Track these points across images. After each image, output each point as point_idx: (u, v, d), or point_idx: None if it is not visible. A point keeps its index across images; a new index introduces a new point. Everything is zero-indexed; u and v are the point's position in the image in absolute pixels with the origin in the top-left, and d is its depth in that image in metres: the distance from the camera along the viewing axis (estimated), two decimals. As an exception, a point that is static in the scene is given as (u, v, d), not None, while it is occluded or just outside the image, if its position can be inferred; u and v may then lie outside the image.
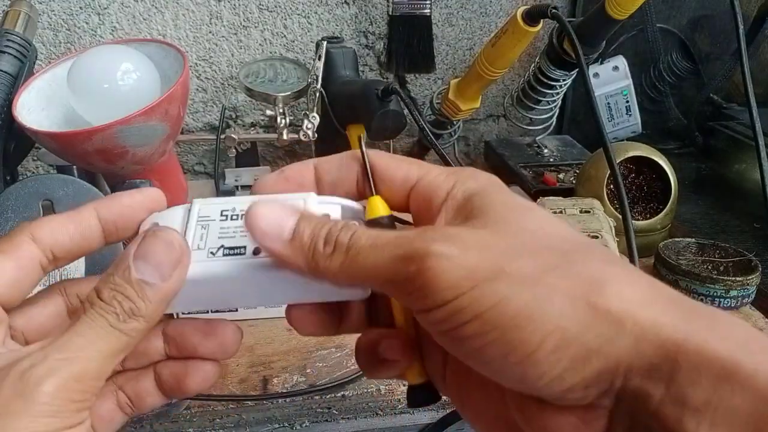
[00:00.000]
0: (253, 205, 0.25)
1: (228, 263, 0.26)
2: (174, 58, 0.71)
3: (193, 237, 0.27)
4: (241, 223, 0.26)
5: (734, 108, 0.95)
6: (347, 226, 0.25)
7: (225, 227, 0.27)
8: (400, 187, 0.28)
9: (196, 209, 0.28)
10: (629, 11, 0.68)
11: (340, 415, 0.52)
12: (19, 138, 0.67)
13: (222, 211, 0.28)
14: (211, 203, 0.28)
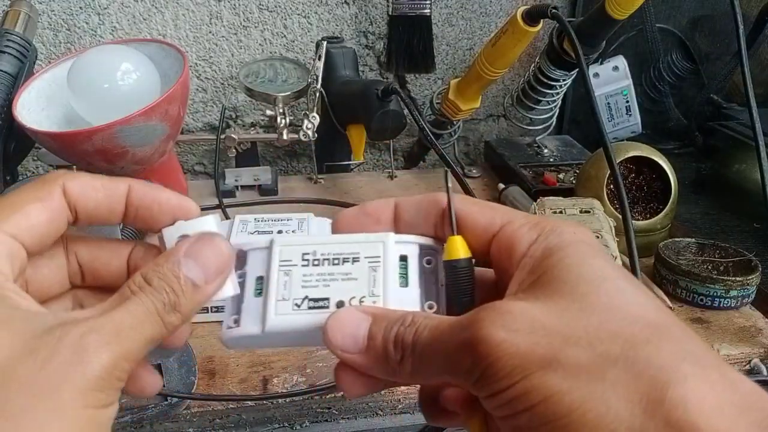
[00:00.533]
0: (330, 318, 0.25)
1: (312, 318, 0.26)
2: (174, 58, 0.71)
3: (276, 285, 0.27)
4: (324, 269, 0.27)
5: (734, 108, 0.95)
6: (413, 322, 0.24)
7: (307, 274, 0.27)
8: (482, 232, 0.27)
9: (277, 252, 0.28)
10: (629, 11, 0.68)
11: (340, 415, 0.52)
12: (19, 138, 0.67)
13: (303, 255, 0.27)
14: (292, 244, 0.28)
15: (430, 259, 0.28)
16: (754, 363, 0.57)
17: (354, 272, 0.27)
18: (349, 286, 0.27)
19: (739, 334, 0.60)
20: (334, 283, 0.27)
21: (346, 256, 0.27)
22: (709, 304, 0.62)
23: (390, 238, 0.27)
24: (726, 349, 0.58)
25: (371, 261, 0.27)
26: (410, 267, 0.27)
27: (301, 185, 0.90)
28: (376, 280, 0.27)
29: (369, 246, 0.27)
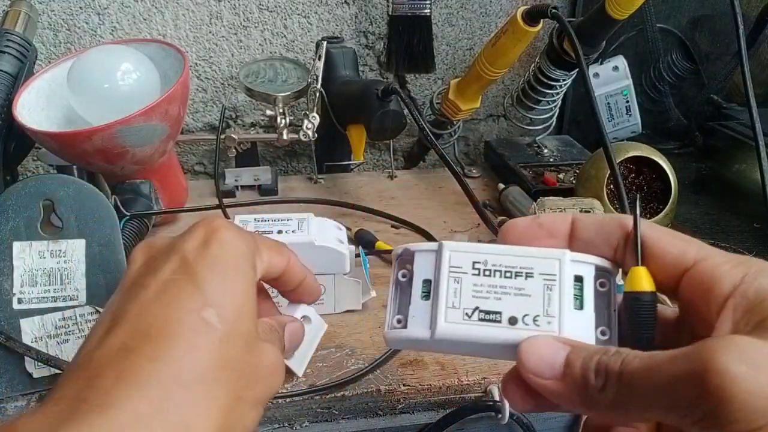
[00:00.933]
0: (525, 343, 0.25)
1: (484, 330, 0.26)
2: (174, 58, 0.71)
3: (446, 291, 0.26)
4: (495, 281, 0.26)
5: (734, 108, 0.95)
6: (618, 352, 0.23)
7: (478, 284, 0.26)
8: (671, 265, 0.25)
9: (447, 256, 0.27)
10: (629, 11, 0.68)
11: (340, 416, 0.52)
12: (19, 138, 0.67)
13: (474, 264, 0.27)
14: (462, 250, 0.27)
15: (604, 282, 0.27)
16: (754, 363, 0.57)
17: (527, 288, 0.26)
18: (523, 303, 0.26)
19: (739, 334, 0.59)
20: (506, 297, 0.26)
21: (519, 270, 0.26)
22: (709, 304, 0.62)
23: (567, 256, 0.26)
24: (726, 349, 0.57)
25: (546, 278, 0.26)
26: (585, 289, 0.26)
27: (301, 185, 0.90)
28: (551, 300, 0.26)
29: (544, 262, 0.26)
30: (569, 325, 0.25)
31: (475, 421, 0.52)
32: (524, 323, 0.25)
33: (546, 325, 0.25)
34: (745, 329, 0.21)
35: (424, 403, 0.52)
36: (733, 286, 0.23)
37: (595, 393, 0.23)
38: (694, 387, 0.19)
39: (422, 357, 0.55)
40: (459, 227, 0.75)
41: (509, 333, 0.25)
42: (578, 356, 0.24)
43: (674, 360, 0.21)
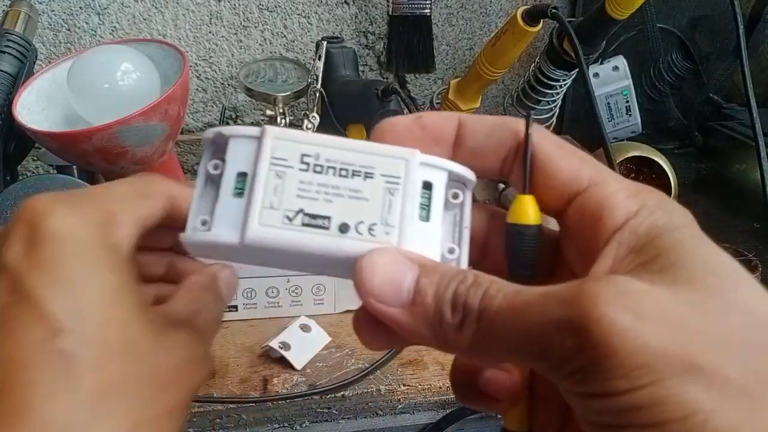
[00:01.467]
0: (366, 258, 0.20)
1: (306, 237, 0.21)
2: (174, 58, 0.71)
3: (264, 187, 0.21)
4: (327, 179, 0.22)
5: (734, 108, 0.95)
6: (477, 281, 0.19)
7: (306, 181, 0.22)
8: (562, 187, 0.22)
9: (269, 145, 0.22)
10: (629, 11, 0.68)
11: (340, 415, 0.52)
12: (19, 138, 0.67)
13: (303, 157, 0.22)
14: (290, 139, 0.22)
15: (458, 192, 0.23)
16: (754, 363, 0.57)
17: (365, 191, 0.22)
18: (358, 208, 0.21)
19: (739, 334, 0.59)
20: (339, 199, 0.21)
21: (357, 168, 0.22)
22: (709, 304, 0.62)
23: (416, 157, 0.22)
24: (726, 349, 0.58)
25: (389, 181, 0.22)
26: (434, 198, 0.22)
27: (301, 185, 0.90)
28: (392, 206, 0.22)
29: (388, 162, 0.22)
30: (411, 237, 0.21)
31: (475, 421, 0.52)
32: (357, 232, 0.21)
33: (383, 235, 0.21)
34: (627, 269, 0.19)
35: (424, 403, 0.52)
36: (625, 218, 0.20)
37: (450, 331, 0.19)
38: (570, 337, 0.17)
39: (422, 357, 0.55)
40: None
41: (337, 242, 0.21)
42: (431, 281, 0.20)
43: (546, 302, 0.18)
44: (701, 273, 0.18)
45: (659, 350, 0.16)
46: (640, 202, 0.20)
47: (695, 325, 0.16)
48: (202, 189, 0.23)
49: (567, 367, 0.17)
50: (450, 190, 0.23)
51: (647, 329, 0.16)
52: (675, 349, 0.16)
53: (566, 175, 0.21)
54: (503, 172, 0.23)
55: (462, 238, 0.23)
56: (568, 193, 0.21)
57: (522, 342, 0.18)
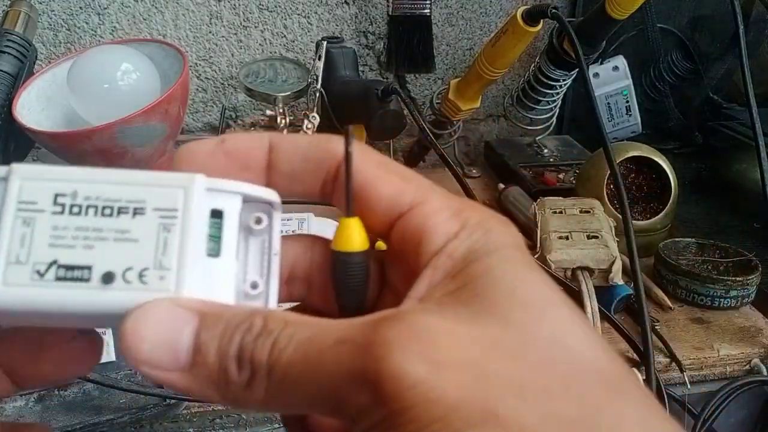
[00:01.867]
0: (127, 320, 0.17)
1: (62, 293, 0.18)
2: (174, 58, 0.71)
3: (9, 239, 0.18)
4: (87, 221, 0.18)
5: (734, 108, 0.95)
6: (266, 329, 0.17)
7: (61, 227, 0.18)
8: (385, 209, 0.20)
9: (15, 187, 0.19)
10: (629, 11, 0.68)
11: (340, 415, 0.52)
12: (19, 138, 0.67)
13: (57, 197, 0.18)
14: (41, 177, 0.19)
15: (260, 217, 0.20)
16: (754, 363, 0.57)
17: (134, 230, 0.18)
18: (125, 252, 0.18)
19: (739, 334, 0.59)
20: (102, 244, 0.18)
21: (124, 205, 0.18)
22: (709, 304, 0.62)
23: (197, 183, 0.19)
24: (726, 349, 0.58)
25: (163, 215, 0.19)
26: (226, 228, 0.20)
27: (301, 185, 0.90)
28: (167, 246, 0.18)
29: (162, 193, 0.19)
30: (194, 280, 0.18)
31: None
32: (125, 281, 0.18)
33: (157, 281, 0.18)
34: (434, 297, 0.17)
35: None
36: (445, 240, 0.18)
37: (239, 390, 0.17)
38: (364, 392, 0.15)
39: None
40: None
41: (101, 296, 0.18)
42: (213, 334, 0.17)
43: (339, 351, 0.16)
44: (506, 305, 0.16)
45: (455, 400, 0.15)
46: (461, 222, 0.19)
47: (493, 367, 0.15)
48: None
49: (363, 422, 0.16)
50: (252, 214, 0.20)
51: (442, 378, 0.15)
52: (471, 397, 0.15)
53: (387, 197, 0.20)
54: (324, 195, 0.21)
55: (271, 267, 0.20)
56: (390, 216, 0.20)
57: (317, 396, 0.16)
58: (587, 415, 0.15)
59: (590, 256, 0.58)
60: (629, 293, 0.60)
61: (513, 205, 0.80)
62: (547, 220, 0.63)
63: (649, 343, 0.53)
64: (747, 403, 0.58)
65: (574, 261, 0.58)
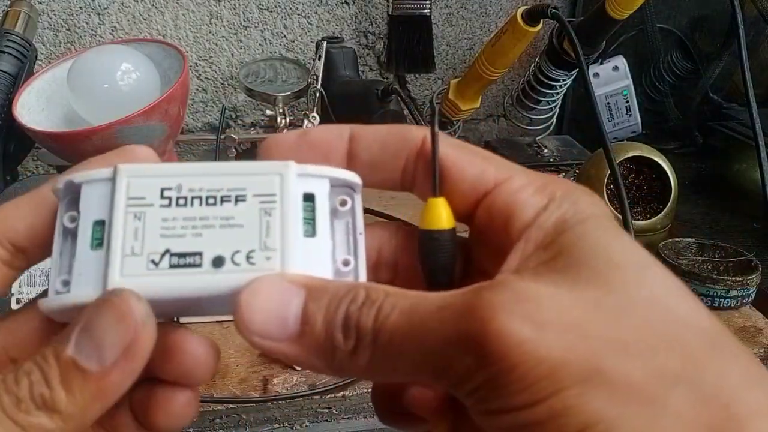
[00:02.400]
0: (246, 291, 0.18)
1: (177, 280, 0.19)
2: (174, 58, 0.71)
3: (123, 233, 0.19)
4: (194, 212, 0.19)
5: (734, 108, 0.95)
6: (369, 298, 0.18)
7: (169, 218, 0.19)
8: (469, 189, 0.20)
9: (124, 185, 0.20)
10: (629, 11, 0.68)
11: (341, 416, 0.52)
12: (19, 138, 0.67)
13: (163, 191, 0.20)
14: (147, 174, 0.20)
15: (345, 199, 0.21)
16: (754, 363, 0.57)
17: (238, 216, 0.20)
18: (232, 236, 0.19)
19: (739, 335, 0.59)
20: (209, 231, 0.19)
21: (226, 193, 0.20)
22: (709, 304, 0.62)
23: (290, 169, 0.20)
24: (726, 349, 0.57)
25: (263, 200, 0.20)
26: (318, 210, 0.21)
27: (301, 185, 0.90)
28: (270, 228, 0.19)
29: (260, 180, 0.20)
30: (296, 258, 0.19)
31: (475, 421, 0.52)
32: (234, 263, 0.19)
33: (264, 261, 0.19)
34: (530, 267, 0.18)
35: (425, 403, 0.52)
36: (535, 213, 0.19)
37: (345, 359, 0.18)
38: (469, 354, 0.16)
39: (422, 357, 0.55)
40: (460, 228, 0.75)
41: (213, 279, 0.19)
42: (319, 305, 0.18)
43: (442, 316, 0.16)
44: (604, 269, 0.17)
45: (560, 359, 0.15)
46: (549, 195, 0.19)
47: (596, 327, 0.16)
48: (60, 246, 0.20)
49: (468, 384, 0.16)
50: (337, 197, 0.21)
51: (547, 338, 0.15)
52: (576, 357, 0.15)
53: (471, 177, 0.20)
54: (404, 183, 0.22)
55: (357, 246, 0.21)
56: (475, 195, 0.20)
57: (421, 362, 0.17)
58: (692, 370, 0.15)
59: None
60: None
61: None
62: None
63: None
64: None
65: (574, 261, 0.58)
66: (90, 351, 0.17)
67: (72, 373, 0.17)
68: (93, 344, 0.17)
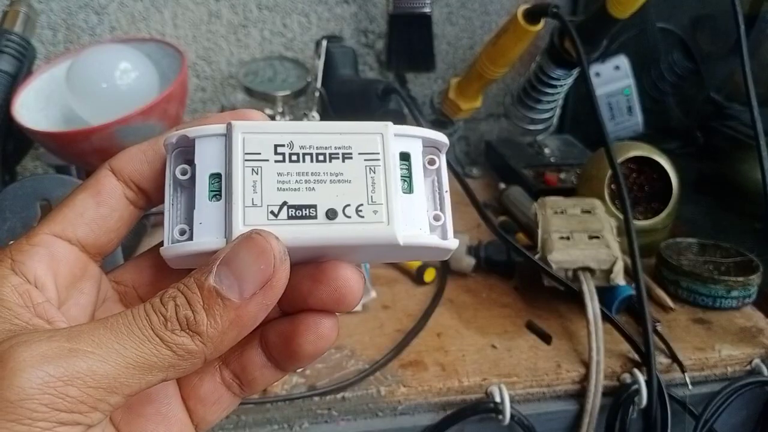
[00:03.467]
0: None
1: (296, 230, 0.21)
2: (173, 57, 0.71)
3: (242, 185, 0.21)
4: (306, 167, 0.21)
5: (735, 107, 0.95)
6: None
7: (284, 173, 0.21)
8: None
9: (239, 141, 0.21)
10: (630, 10, 0.68)
11: (340, 417, 0.52)
12: (18, 138, 0.67)
13: (276, 147, 0.21)
14: (260, 131, 0.21)
15: (433, 158, 0.23)
16: (755, 363, 0.57)
17: (346, 172, 0.21)
18: (341, 191, 0.21)
19: (740, 335, 0.59)
20: (321, 185, 0.21)
21: (333, 151, 0.21)
22: (711, 304, 0.62)
23: (389, 129, 0.22)
24: (727, 349, 0.57)
25: (368, 158, 0.22)
26: (414, 168, 0.23)
27: (300, 185, 0.90)
28: (375, 184, 0.21)
29: (364, 139, 0.22)
30: (398, 212, 0.21)
31: (475, 422, 0.52)
32: (345, 215, 0.21)
33: (372, 215, 0.21)
34: None
35: (425, 404, 0.52)
36: None
37: None
38: None
39: (422, 358, 0.55)
40: (459, 227, 0.74)
41: (330, 230, 0.21)
42: None
43: None
44: None
45: None
46: None
47: None
48: (171, 197, 0.22)
49: None
50: (426, 157, 0.23)
51: None
52: None
53: None
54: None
55: (444, 202, 0.23)
56: None
57: None
58: None
59: (591, 256, 0.58)
60: (631, 294, 0.60)
61: (514, 205, 0.80)
62: (548, 221, 0.63)
63: (650, 344, 0.53)
64: (748, 403, 0.58)
65: (575, 261, 0.58)
66: (231, 282, 0.19)
67: (213, 299, 0.19)
68: (234, 276, 0.19)
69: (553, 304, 0.62)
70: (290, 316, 0.23)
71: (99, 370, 0.18)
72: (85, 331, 0.18)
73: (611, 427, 0.54)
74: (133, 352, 0.18)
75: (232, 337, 0.20)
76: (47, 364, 0.17)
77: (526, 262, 0.61)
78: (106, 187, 0.22)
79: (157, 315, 0.19)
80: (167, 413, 0.23)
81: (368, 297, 0.61)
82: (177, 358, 0.19)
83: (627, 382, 0.54)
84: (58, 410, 0.17)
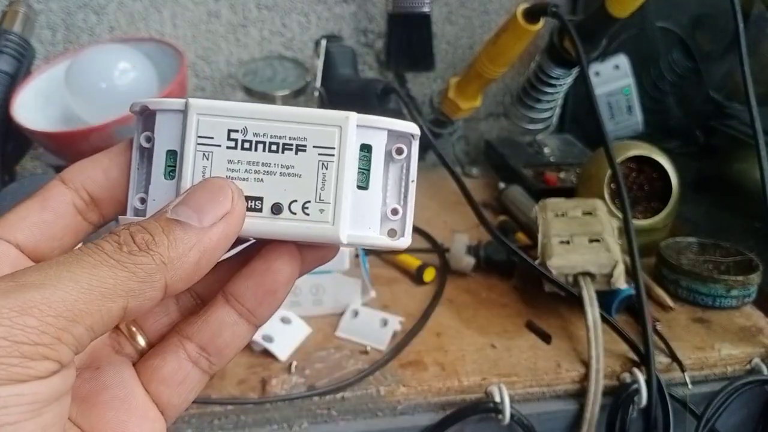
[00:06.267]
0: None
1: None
2: (172, 56, 0.71)
3: (192, 170, 0.21)
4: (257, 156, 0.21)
5: (735, 107, 0.95)
6: None
7: (234, 160, 0.21)
8: None
9: (194, 122, 0.21)
10: (630, 9, 0.68)
11: (340, 417, 0.51)
12: (17, 138, 0.67)
13: (230, 133, 0.21)
14: (215, 113, 0.21)
15: (402, 147, 0.23)
16: (755, 363, 0.57)
17: (297, 166, 0.21)
18: (290, 185, 0.21)
19: (740, 334, 0.59)
20: (270, 178, 0.21)
21: (288, 141, 0.21)
22: (711, 303, 0.62)
23: (350, 121, 0.21)
24: (727, 348, 0.57)
25: (322, 153, 0.21)
26: (374, 161, 0.22)
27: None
28: (326, 181, 0.21)
29: (321, 131, 0.21)
30: (347, 211, 0.21)
31: (475, 422, 0.52)
32: (291, 212, 0.21)
33: (318, 213, 0.21)
34: None
35: (424, 404, 0.52)
36: None
37: None
38: None
39: (422, 358, 0.55)
40: (459, 227, 0.74)
41: (273, 225, 0.21)
42: None
43: None
44: None
45: None
46: None
47: None
48: (138, 162, 0.22)
49: None
50: (394, 146, 0.22)
51: None
52: None
53: None
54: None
55: (408, 193, 0.23)
56: None
57: None
58: None
59: (592, 261, 0.58)
60: (630, 294, 0.60)
61: (513, 205, 0.79)
62: (548, 224, 0.63)
63: (650, 344, 0.53)
64: (748, 402, 0.58)
65: (575, 267, 0.58)
66: (189, 214, 0.19)
67: (173, 225, 0.19)
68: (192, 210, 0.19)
69: (553, 303, 0.62)
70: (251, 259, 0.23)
71: (54, 297, 0.17)
72: (30, 270, 0.18)
73: (611, 426, 0.54)
74: (87, 277, 0.17)
75: (193, 261, 0.19)
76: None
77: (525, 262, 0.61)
78: (52, 192, 0.22)
79: (110, 242, 0.19)
80: (125, 397, 0.22)
81: (368, 296, 0.61)
82: (136, 280, 0.18)
83: (627, 382, 0.54)
84: (19, 342, 0.16)
